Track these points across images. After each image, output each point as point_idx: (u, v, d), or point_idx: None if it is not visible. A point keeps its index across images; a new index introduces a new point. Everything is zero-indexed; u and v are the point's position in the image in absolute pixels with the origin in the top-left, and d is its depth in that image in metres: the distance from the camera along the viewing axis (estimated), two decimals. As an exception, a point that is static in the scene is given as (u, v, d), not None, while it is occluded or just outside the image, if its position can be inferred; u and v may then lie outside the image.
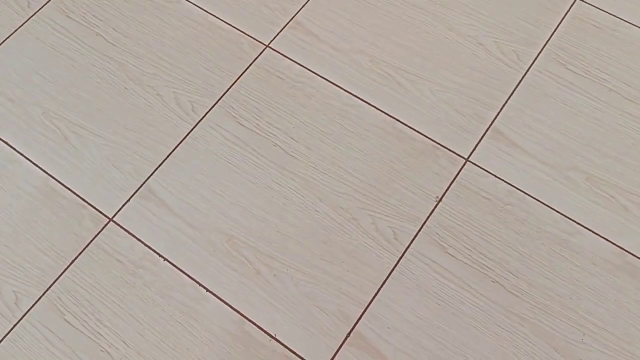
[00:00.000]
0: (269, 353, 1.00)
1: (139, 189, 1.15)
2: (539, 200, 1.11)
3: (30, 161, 1.18)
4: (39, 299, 1.06)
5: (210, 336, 1.02)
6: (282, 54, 1.28)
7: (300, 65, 1.27)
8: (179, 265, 1.08)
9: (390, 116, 1.20)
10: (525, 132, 1.18)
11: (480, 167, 1.15)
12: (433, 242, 1.08)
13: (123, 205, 1.14)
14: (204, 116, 1.22)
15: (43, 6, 1.36)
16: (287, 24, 1.32)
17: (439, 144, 1.18)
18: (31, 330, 1.03)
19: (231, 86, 1.25)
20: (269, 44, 1.30)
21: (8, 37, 1.32)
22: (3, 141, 1.20)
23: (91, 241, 1.10)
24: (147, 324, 1.03)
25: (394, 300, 1.04)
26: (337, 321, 1.03)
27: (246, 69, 1.27)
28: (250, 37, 1.31)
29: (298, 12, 1.34)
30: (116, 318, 1.04)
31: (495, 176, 1.14)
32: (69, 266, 1.08)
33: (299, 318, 1.03)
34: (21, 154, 1.19)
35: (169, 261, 1.08)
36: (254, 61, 1.28)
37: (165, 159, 1.18)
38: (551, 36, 1.28)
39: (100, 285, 1.07)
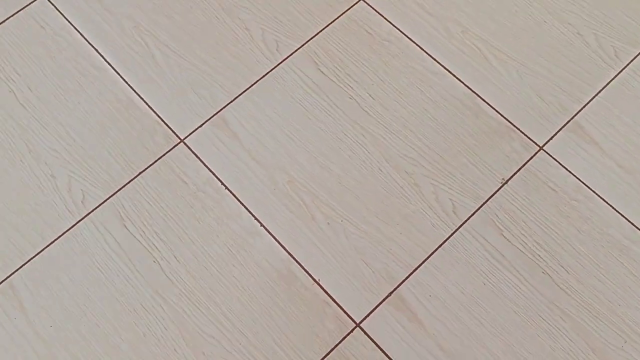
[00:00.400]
0: (310, 296, 1.03)
1: (213, 116, 1.18)
2: (607, 202, 1.09)
3: (115, 70, 1.22)
4: (104, 202, 1.11)
5: (258, 269, 1.05)
6: (374, 9, 1.27)
7: (391, 24, 1.26)
8: (239, 196, 1.11)
9: (472, 90, 1.19)
10: (607, 131, 1.15)
11: (553, 158, 1.13)
12: (490, 223, 1.08)
13: (195, 130, 1.17)
14: (287, 57, 1.23)
15: None
16: (384, -20, 1.31)
17: (515, 126, 1.16)
18: (92, 229, 1.09)
19: (318, 33, 1.25)
20: (363, -3, 1.29)
21: (113, -52, 1.36)
22: (94, 48, 1.25)
23: (160, 157, 1.14)
24: (200, 245, 1.07)
25: (441, 271, 1.04)
26: (381, 279, 1.04)
27: (336, 18, 1.27)
28: (346, -13, 1.30)
29: (398, -31, 1.32)
30: (172, 234, 1.08)
31: (567, 169, 1.11)
32: (135, 177, 1.13)
33: (344, 269, 1.05)
34: (108, 63, 1.23)
35: (230, 191, 1.11)
36: (345, 12, 1.27)
37: (243, 92, 1.20)
38: (654, 38, 1.23)
39: (163, 200, 1.11)
